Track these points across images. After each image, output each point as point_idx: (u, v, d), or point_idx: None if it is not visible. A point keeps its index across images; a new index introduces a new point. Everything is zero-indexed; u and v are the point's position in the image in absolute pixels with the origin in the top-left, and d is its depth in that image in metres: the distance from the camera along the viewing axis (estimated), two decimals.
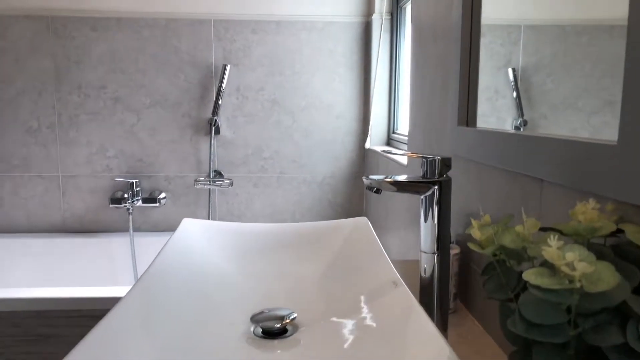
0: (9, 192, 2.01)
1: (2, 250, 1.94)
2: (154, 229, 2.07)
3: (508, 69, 0.72)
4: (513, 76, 0.70)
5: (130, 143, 2.02)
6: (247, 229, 0.95)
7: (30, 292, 1.40)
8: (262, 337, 0.65)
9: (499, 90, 0.74)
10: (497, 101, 0.74)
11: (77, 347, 0.47)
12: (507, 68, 0.72)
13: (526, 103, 0.65)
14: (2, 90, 1.96)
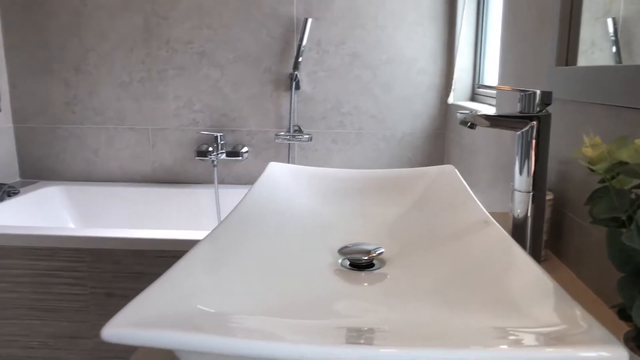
0: (104, 144, 2.15)
1: (99, 197, 2.09)
2: (236, 181, 2.14)
3: (607, 19, 0.66)
4: (613, 27, 0.65)
5: (214, 98, 2.08)
6: (332, 174, 0.96)
7: (128, 232, 1.50)
8: (350, 269, 0.66)
9: (596, 43, 0.69)
10: (594, 54, 0.69)
11: (167, 273, 0.50)
12: (606, 18, 0.67)
13: (626, 56, 0.61)
14: (98, 45, 2.07)
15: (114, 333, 0.36)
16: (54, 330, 1.54)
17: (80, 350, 1.55)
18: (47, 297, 1.52)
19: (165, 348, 0.37)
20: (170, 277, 0.49)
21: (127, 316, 0.39)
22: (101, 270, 1.49)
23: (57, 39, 2.07)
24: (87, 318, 1.53)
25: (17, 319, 1.54)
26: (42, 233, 1.50)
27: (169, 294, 0.46)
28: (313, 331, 0.47)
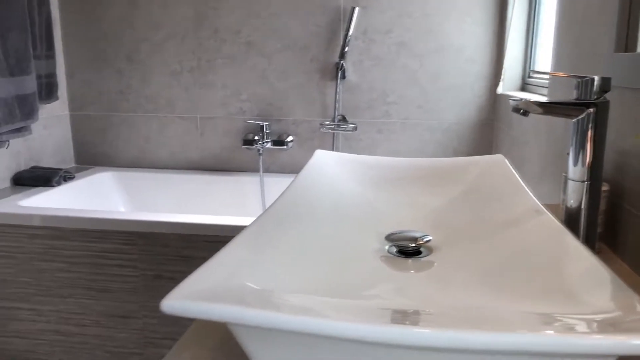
0: (155, 131, 2.21)
1: (149, 182, 2.16)
2: (280, 170, 2.17)
3: None
4: None
5: (261, 87, 2.11)
6: (379, 162, 0.96)
7: (177, 217, 1.55)
8: (397, 255, 0.67)
9: None
10: None
11: (219, 253, 0.52)
12: None
13: None
14: (151, 35, 2.13)
15: (172, 305, 0.38)
16: (106, 309, 1.61)
17: (129, 329, 1.61)
18: (100, 278, 1.59)
19: (216, 320, 0.39)
20: (221, 257, 0.50)
21: (184, 290, 0.40)
22: (151, 253, 1.55)
23: (112, 30, 2.14)
24: (136, 299, 1.59)
25: (73, 298, 1.62)
26: (96, 216, 1.56)
27: (220, 272, 0.47)
28: (357, 311, 0.48)
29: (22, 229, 1.59)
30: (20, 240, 1.60)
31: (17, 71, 1.77)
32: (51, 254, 1.60)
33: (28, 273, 1.62)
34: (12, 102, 1.75)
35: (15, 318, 1.67)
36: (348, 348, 0.39)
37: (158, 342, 1.61)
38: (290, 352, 0.42)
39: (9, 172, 1.91)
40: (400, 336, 0.36)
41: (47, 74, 1.99)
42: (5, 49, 1.72)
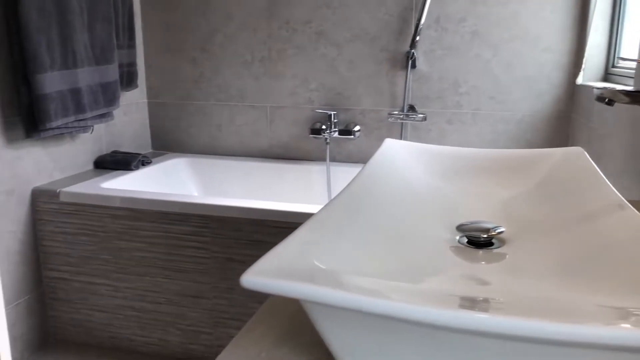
0: (226, 120, 2.28)
1: (220, 169, 2.23)
2: (347, 159, 2.18)
3: None
4: None
5: (330, 76, 2.12)
6: (451, 152, 0.95)
7: (249, 203, 1.60)
8: (467, 246, 0.66)
9: None
10: None
11: (291, 236, 0.53)
12: None
13: None
14: (225, 26, 2.19)
15: (250, 280, 0.40)
16: (179, 289, 1.69)
17: (200, 309, 1.68)
18: (175, 258, 1.67)
19: (290, 296, 0.40)
20: (293, 239, 0.52)
21: (261, 267, 0.42)
22: (223, 236, 1.60)
23: (188, 21, 2.22)
24: (208, 280, 1.65)
25: (149, 276, 1.71)
26: (172, 199, 1.64)
27: (293, 252, 0.49)
28: (425, 296, 0.48)
29: (104, 209, 1.70)
30: (102, 219, 1.71)
31: (102, 60, 1.88)
32: (130, 234, 1.69)
33: (108, 251, 1.73)
34: (97, 89, 1.86)
35: (95, 293, 1.78)
36: (416, 331, 0.40)
37: (227, 322, 1.67)
38: (360, 333, 0.43)
39: (92, 156, 2.03)
40: (470, 321, 0.36)
41: (128, 63, 2.10)
42: (92, 40, 1.83)
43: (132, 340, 1.79)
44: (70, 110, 1.73)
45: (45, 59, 1.63)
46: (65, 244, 1.77)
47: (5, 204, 1.67)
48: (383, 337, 0.41)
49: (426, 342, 0.40)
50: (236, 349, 0.53)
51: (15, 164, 1.69)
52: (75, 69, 1.75)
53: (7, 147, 1.66)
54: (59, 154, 1.86)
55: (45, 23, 1.62)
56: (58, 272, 1.80)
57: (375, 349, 0.42)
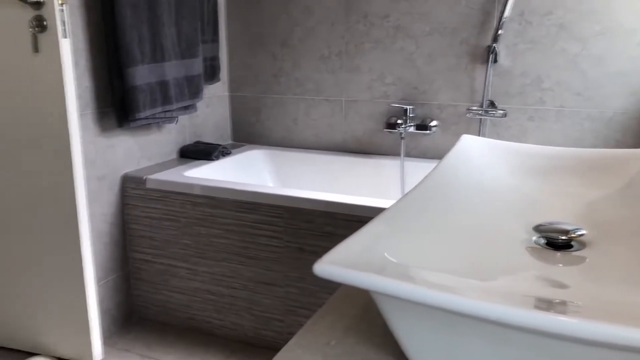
0: (302, 113, 2.32)
1: (295, 161, 2.28)
2: (422, 155, 2.15)
3: None
4: None
5: (407, 70, 2.10)
6: (531, 150, 0.92)
7: (321, 195, 1.62)
8: (545, 247, 0.64)
9: None
10: None
11: (363, 228, 0.54)
12: None
13: None
14: (304, 20, 2.22)
15: (324, 268, 0.42)
16: (253, 276, 1.75)
17: (273, 296, 1.73)
18: (250, 246, 1.73)
19: (360, 286, 0.41)
20: (366, 231, 0.53)
21: (334, 257, 0.44)
22: (295, 227, 1.64)
23: (269, 15, 2.28)
24: (280, 268, 1.70)
25: (225, 262, 1.78)
26: (249, 189, 1.70)
27: (365, 244, 0.50)
28: (498, 294, 0.47)
29: (186, 196, 1.79)
30: (184, 206, 1.80)
31: (188, 55, 1.97)
32: (209, 221, 1.77)
33: (188, 236, 1.82)
34: (183, 82, 1.95)
35: (176, 275, 1.88)
36: (486, 329, 0.40)
37: (297, 310, 1.71)
38: (428, 326, 0.43)
39: (176, 146, 2.14)
40: (546, 323, 0.35)
41: (211, 57, 2.19)
42: (178, 35, 1.92)
43: (208, 323, 1.87)
44: (157, 102, 1.83)
45: (136, 53, 1.73)
46: (150, 228, 1.88)
47: (98, 188, 1.80)
48: (451, 332, 0.42)
49: (495, 340, 0.40)
50: (307, 335, 0.55)
51: (107, 151, 1.82)
52: (163, 62, 1.85)
53: (101, 135, 1.78)
54: (146, 143, 1.98)
55: (137, 20, 1.73)
56: (142, 254, 1.92)
57: (443, 343, 0.42)
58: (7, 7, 1.48)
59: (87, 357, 1.70)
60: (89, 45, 1.71)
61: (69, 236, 1.61)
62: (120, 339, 1.86)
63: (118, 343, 1.84)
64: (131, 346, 1.82)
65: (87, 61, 1.71)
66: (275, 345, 1.78)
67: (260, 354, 1.77)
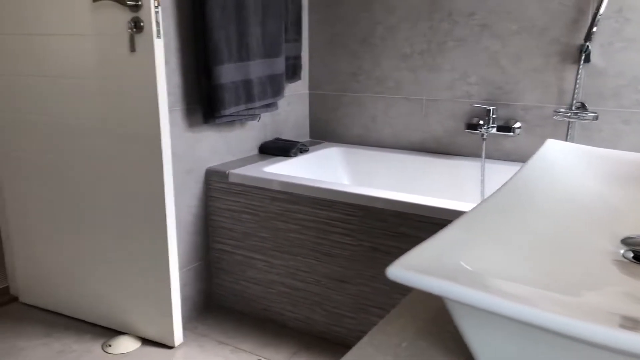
0: (381, 111, 2.31)
1: (372, 160, 2.28)
2: (504, 157, 2.08)
3: None
4: None
5: (491, 70, 2.04)
6: (622, 157, 0.87)
7: (395, 195, 1.62)
8: (633, 261, 0.61)
9: None
10: None
11: (440, 233, 0.54)
12: None
13: None
14: (386, 19, 2.22)
15: (396, 273, 0.42)
16: (327, 272, 1.77)
17: (345, 293, 1.75)
18: (324, 243, 1.76)
19: (433, 292, 0.42)
20: (442, 237, 0.53)
21: (407, 261, 0.44)
22: (369, 226, 1.65)
23: (351, 14, 2.29)
24: (353, 266, 1.71)
25: (301, 257, 1.82)
26: (325, 187, 1.72)
27: (439, 250, 0.50)
28: (580, 309, 0.46)
29: (265, 191, 1.84)
30: (263, 200, 1.86)
31: (271, 54, 2.02)
32: (286, 216, 1.82)
33: (266, 230, 1.88)
34: (266, 81, 2.01)
35: (253, 267, 1.95)
36: (563, 343, 0.39)
37: (369, 309, 1.72)
38: (501, 336, 0.43)
39: (257, 142, 2.21)
40: (631, 343, 0.34)
41: (294, 56, 2.23)
42: (263, 35, 1.98)
43: (282, 315, 1.92)
44: (241, 100, 1.90)
45: (223, 52, 1.80)
46: (231, 220, 1.95)
47: (185, 181, 1.89)
48: (525, 342, 0.41)
49: (572, 355, 0.39)
50: (378, 335, 0.56)
51: (194, 146, 1.91)
52: (248, 61, 1.91)
53: (189, 130, 1.88)
54: (229, 139, 2.06)
55: (225, 20, 1.80)
56: (223, 244, 2.00)
57: (514, 354, 0.42)
58: (109, 10, 1.60)
59: (168, 339, 1.81)
60: (179, 44, 1.81)
61: (156, 225, 1.71)
62: (199, 325, 1.95)
63: (197, 328, 1.93)
64: (209, 332, 1.91)
65: (177, 60, 1.81)
66: (346, 341, 1.80)
67: (331, 349, 1.79)
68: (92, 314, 1.94)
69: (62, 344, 1.83)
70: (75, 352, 1.78)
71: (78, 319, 1.99)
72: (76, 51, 1.70)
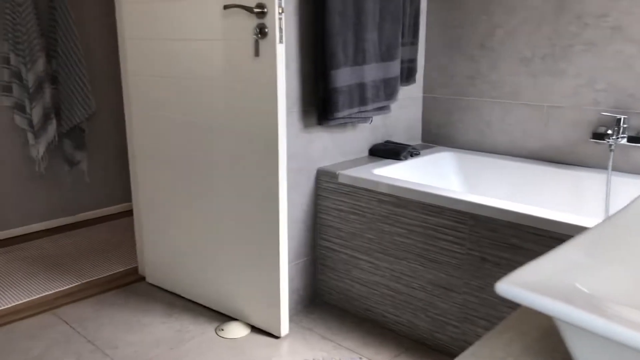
0: (497, 117, 2.24)
1: (485, 166, 2.21)
2: (634, 170, 1.93)
3: None
4: None
5: (623, 76, 1.89)
6: None
7: (509, 205, 1.57)
8: None
9: None
10: None
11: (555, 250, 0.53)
12: None
13: None
14: (506, 21, 2.14)
15: (506, 289, 0.43)
16: (432, 278, 1.76)
17: (450, 301, 1.73)
18: (431, 249, 1.74)
19: (544, 312, 0.41)
20: (557, 254, 0.52)
21: (518, 278, 0.44)
22: (480, 235, 1.61)
23: (470, 17, 2.24)
24: (461, 275, 1.68)
25: (406, 261, 1.83)
26: (434, 192, 1.71)
27: (554, 268, 0.49)
28: None
29: (373, 193, 1.87)
30: (370, 202, 1.88)
31: (387, 57, 2.04)
32: (393, 219, 1.83)
33: (372, 231, 1.90)
34: (379, 84, 2.04)
35: (357, 267, 1.98)
36: None
37: (475, 320, 1.68)
38: None
39: (368, 144, 2.24)
40: None
41: (409, 60, 2.23)
42: (380, 39, 2.01)
43: (384, 317, 1.94)
44: (355, 103, 1.94)
45: (340, 56, 1.86)
46: (338, 219, 2.01)
47: (298, 179, 1.98)
48: None
49: None
50: (484, 347, 0.56)
51: (307, 146, 1.99)
52: (363, 65, 1.95)
53: (303, 131, 1.96)
54: (341, 140, 2.11)
55: (344, 26, 1.85)
56: (329, 242, 2.06)
57: None
58: (237, 17, 1.71)
59: (274, 329, 1.90)
60: (299, 49, 1.89)
61: (270, 219, 1.81)
62: (304, 318, 2.03)
63: (302, 321, 2.01)
64: (313, 326, 1.97)
65: (296, 64, 1.89)
66: (448, 350, 1.78)
67: (432, 356, 1.78)
68: (207, 299, 2.09)
69: (180, 324, 2.00)
70: (191, 333, 1.94)
71: (195, 302, 2.15)
72: (206, 55, 1.84)
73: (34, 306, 2.13)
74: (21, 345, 1.87)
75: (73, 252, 2.66)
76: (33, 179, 2.89)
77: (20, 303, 2.15)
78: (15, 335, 1.93)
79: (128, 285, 2.31)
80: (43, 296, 2.21)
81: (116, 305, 2.14)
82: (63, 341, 1.89)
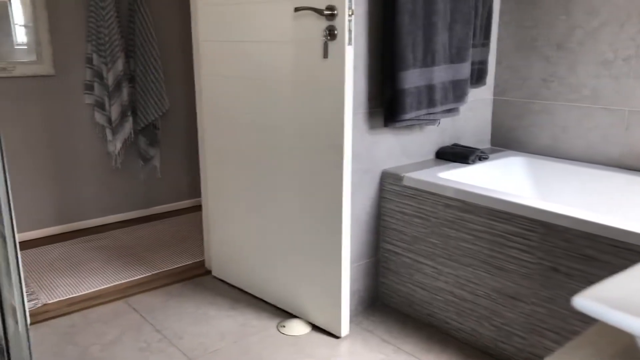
0: (574, 121, 2.14)
1: (559, 173, 2.12)
2: None
3: None
4: None
5: None
6: None
7: (583, 214, 1.49)
8: None
9: None
10: None
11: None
12: None
13: None
14: (585, 22, 2.04)
15: (584, 303, 0.41)
16: (499, 286, 1.71)
17: (517, 311, 1.67)
18: (498, 256, 1.69)
19: (623, 329, 0.39)
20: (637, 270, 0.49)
21: (598, 293, 0.42)
22: (551, 244, 1.54)
23: (546, 17, 2.15)
24: (529, 284, 1.62)
25: (471, 267, 1.78)
26: (502, 198, 1.65)
27: (636, 285, 0.47)
28: None
29: (438, 197, 1.84)
30: (435, 206, 1.85)
31: (456, 59, 2.00)
32: (458, 224, 1.79)
33: (437, 236, 1.87)
34: (448, 86, 2.00)
35: (420, 271, 1.95)
36: None
37: (543, 332, 1.62)
38: None
39: (435, 147, 2.20)
40: None
41: (480, 61, 2.18)
42: (450, 40, 1.97)
43: (447, 323, 1.90)
44: (423, 104, 1.92)
45: (409, 57, 1.84)
46: (402, 223, 1.98)
47: (362, 180, 1.97)
48: None
49: None
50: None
51: (372, 148, 1.98)
52: (432, 67, 1.92)
53: (369, 133, 1.95)
54: (407, 142, 2.09)
55: (413, 26, 1.83)
56: (392, 245, 2.04)
57: None
58: (307, 19, 1.73)
59: (335, 329, 1.90)
60: (367, 50, 1.88)
61: (333, 219, 1.82)
62: (364, 319, 2.02)
63: (363, 323, 2.00)
64: (374, 328, 1.97)
65: (364, 66, 1.89)
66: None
67: None
68: (270, 295, 2.13)
69: (244, 318, 2.05)
70: (255, 328, 1.98)
71: (258, 298, 2.20)
72: (275, 56, 1.88)
73: (108, 293, 2.25)
74: (97, 329, 1.98)
75: (145, 243, 2.79)
76: (110, 173, 3.05)
77: (96, 290, 2.28)
78: (91, 320, 2.05)
79: (195, 278, 2.40)
80: (117, 284, 2.33)
81: (183, 296, 2.23)
82: (134, 329, 1.98)
